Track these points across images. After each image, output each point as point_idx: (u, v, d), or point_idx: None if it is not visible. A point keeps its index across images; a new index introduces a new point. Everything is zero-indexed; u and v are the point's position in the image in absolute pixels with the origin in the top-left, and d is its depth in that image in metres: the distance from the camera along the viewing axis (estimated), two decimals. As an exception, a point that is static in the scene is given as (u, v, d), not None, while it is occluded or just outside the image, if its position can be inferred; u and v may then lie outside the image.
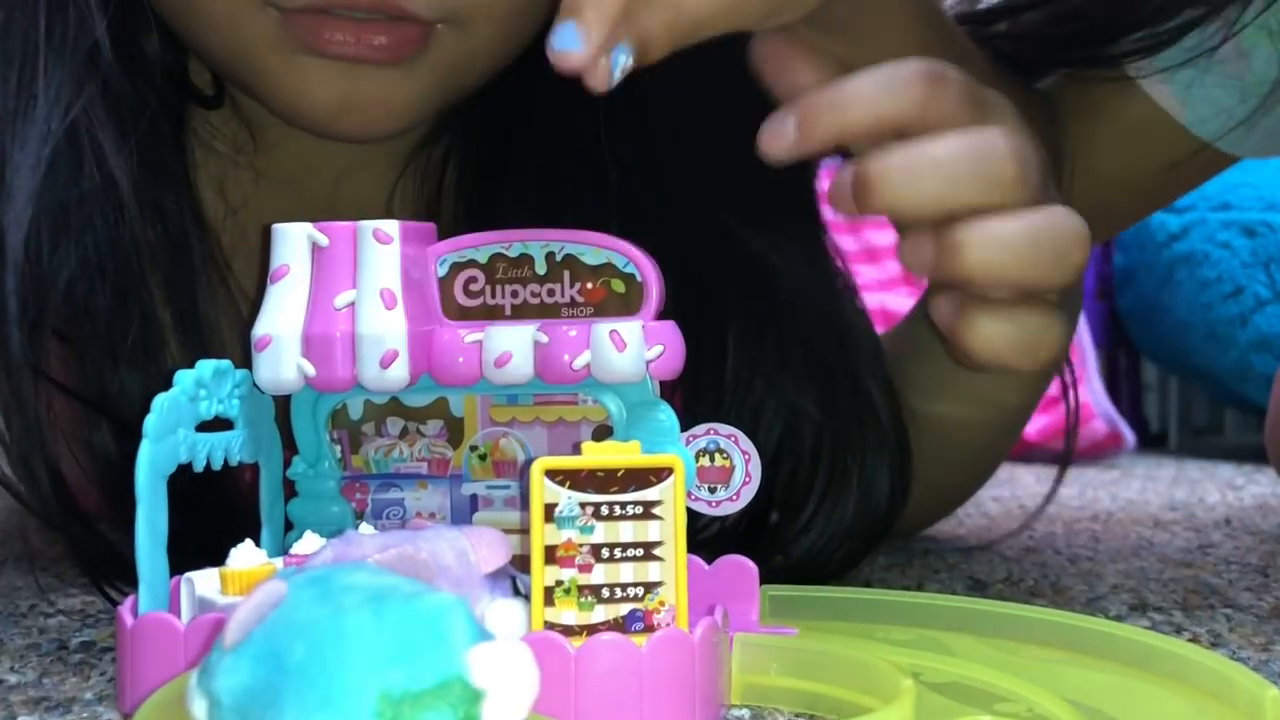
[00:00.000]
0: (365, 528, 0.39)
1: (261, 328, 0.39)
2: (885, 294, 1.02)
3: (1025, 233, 0.39)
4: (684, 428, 0.40)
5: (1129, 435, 1.11)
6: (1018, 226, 0.39)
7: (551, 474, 0.34)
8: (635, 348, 0.39)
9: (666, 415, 0.41)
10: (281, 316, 0.39)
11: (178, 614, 0.37)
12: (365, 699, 0.25)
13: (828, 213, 0.53)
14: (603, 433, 0.42)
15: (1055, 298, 0.41)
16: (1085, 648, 0.38)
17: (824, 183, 0.55)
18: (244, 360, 0.40)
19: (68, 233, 0.48)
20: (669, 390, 0.41)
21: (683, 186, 0.51)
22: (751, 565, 0.42)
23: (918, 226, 0.40)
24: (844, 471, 0.50)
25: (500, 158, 0.55)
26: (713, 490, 0.41)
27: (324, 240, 0.39)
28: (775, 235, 0.50)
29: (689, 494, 0.41)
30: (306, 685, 0.25)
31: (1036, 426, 1.10)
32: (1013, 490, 0.88)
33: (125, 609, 0.36)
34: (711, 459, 0.41)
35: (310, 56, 0.48)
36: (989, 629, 0.40)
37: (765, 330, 0.51)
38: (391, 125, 0.49)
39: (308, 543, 0.39)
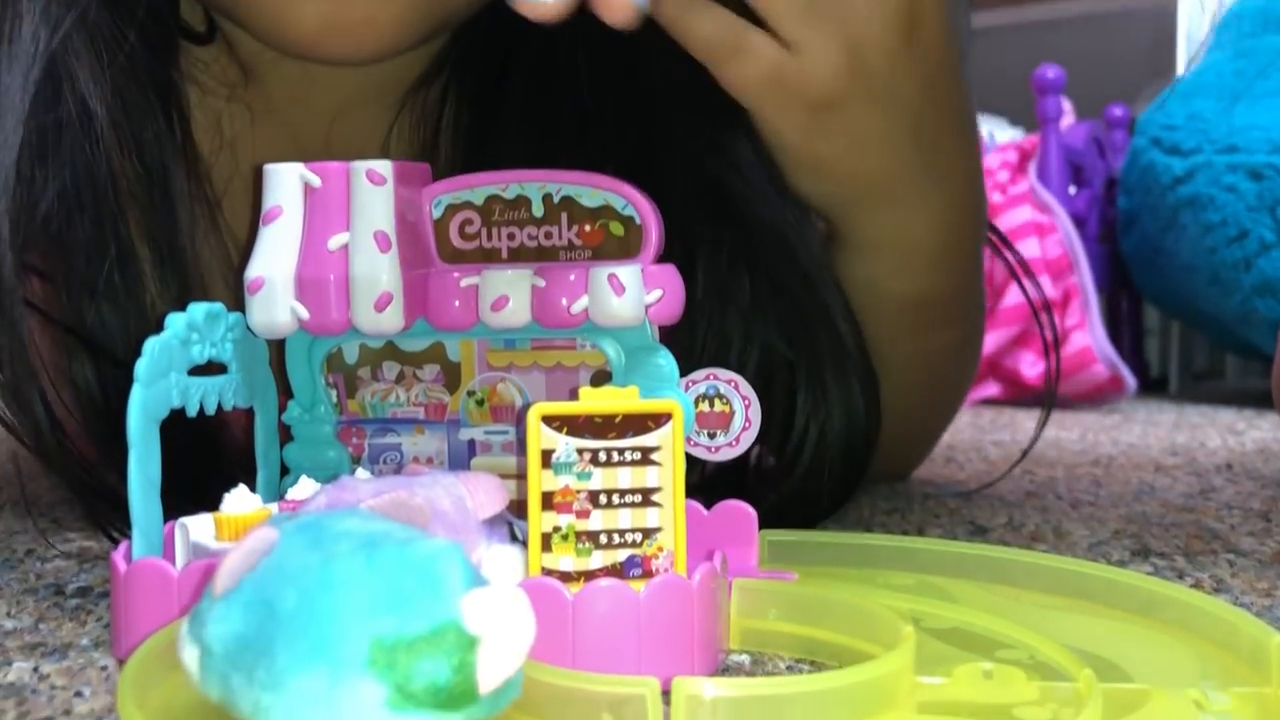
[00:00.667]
0: (361, 473, 0.39)
1: (254, 270, 0.38)
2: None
3: None
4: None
5: (1130, 380, 1.11)
6: None
7: (549, 420, 0.33)
8: (634, 292, 0.39)
9: (666, 360, 0.40)
10: (274, 259, 0.38)
11: (172, 559, 0.37)
12: (358, 646, 0.24)
13: None
14: (601, 378, 0.41)
15: None
16: (1087, 594, 0.38)
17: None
18: (234, 301, 0.39)
19: (45, 161, 0.47)
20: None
21: (649, 112, 0.51)
22: (750, 510, 0.41)
23: None
24: (822, 400, 0.49)
25: (498, 97, 0.54)
26: (712, 436, 0.41)
27: (316, 181, 0.39)
28: (742, 164, 0.50)
29: (688, 440, 0.41)
30: (298, 633, 0.25)
31: (1037, 371, 1.10)
32: (1013, 435, 0.88)
33: (119, 555, 0.36)
34: (711, 404, 0.41)
35: None
36: (990, 575, 0.40)
37: (735, 259, 0.50)
38: (377, 46, 0.48)
39: (303, 488, 0.38)
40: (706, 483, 0.50)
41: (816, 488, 0.50)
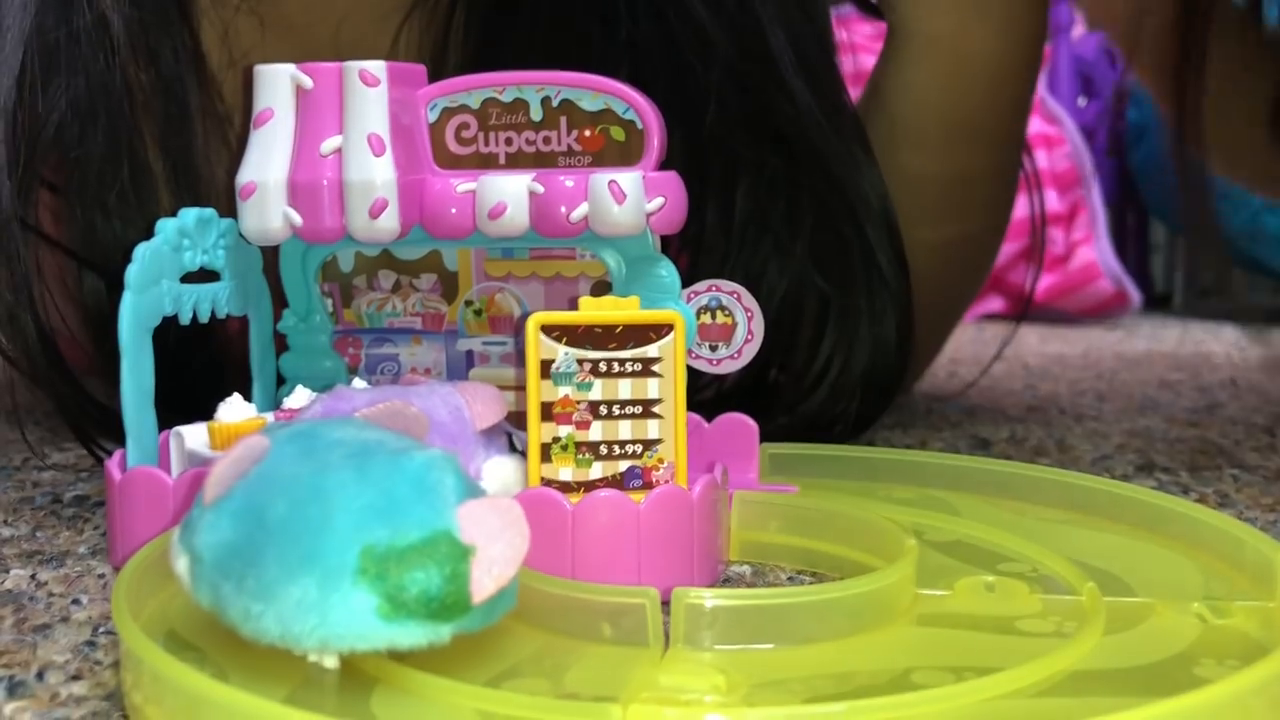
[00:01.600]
0: (358, 382, 0.38)
1: (245, 174, 0.37)
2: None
3: None
4: (687, 283, 0.39)
5: (1135, 294, 1.10)
6: None
7: (548, 329, 0.33)
8: (635, 199, 0.38)
9: (667, 271, 0.40)
10: (266, 163, 0.37)
11: (167, 468, 0.36)
12: (348, 555, 0.24)
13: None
14: (601, 288, 0.40)
15: None
16: (1091, 508, 0.37)
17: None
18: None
19: (58, 74, 0.46)
20: (673, 246, 0.40)
21: (696, 32, 0.49)
22: (751, 423, 0.41)
23: None
24: (850, 332, 0.49)
25: (510, 2, 0.53)
26: (714, 348, 0.40)
27: (308, 82, 0.37)
28: (790, 88, 0.48)
29: (690, 352, 0.40)
30: (289, 542, 0.24)
31: (1042, 285, 1.09)
32: (1016, 349, 0.88)
33: (113, 463, 0.35)
34: (713, 316, 0.40)
35: None
36: (993, 488, 0.39)
37: (775, 186, 0.49)
38: None
39: (298, 397, 0.38)
40: (722, 398, 0.49)
41: (834, 414, 0.49)
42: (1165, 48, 0.54)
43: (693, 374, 0.40)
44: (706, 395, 0.50)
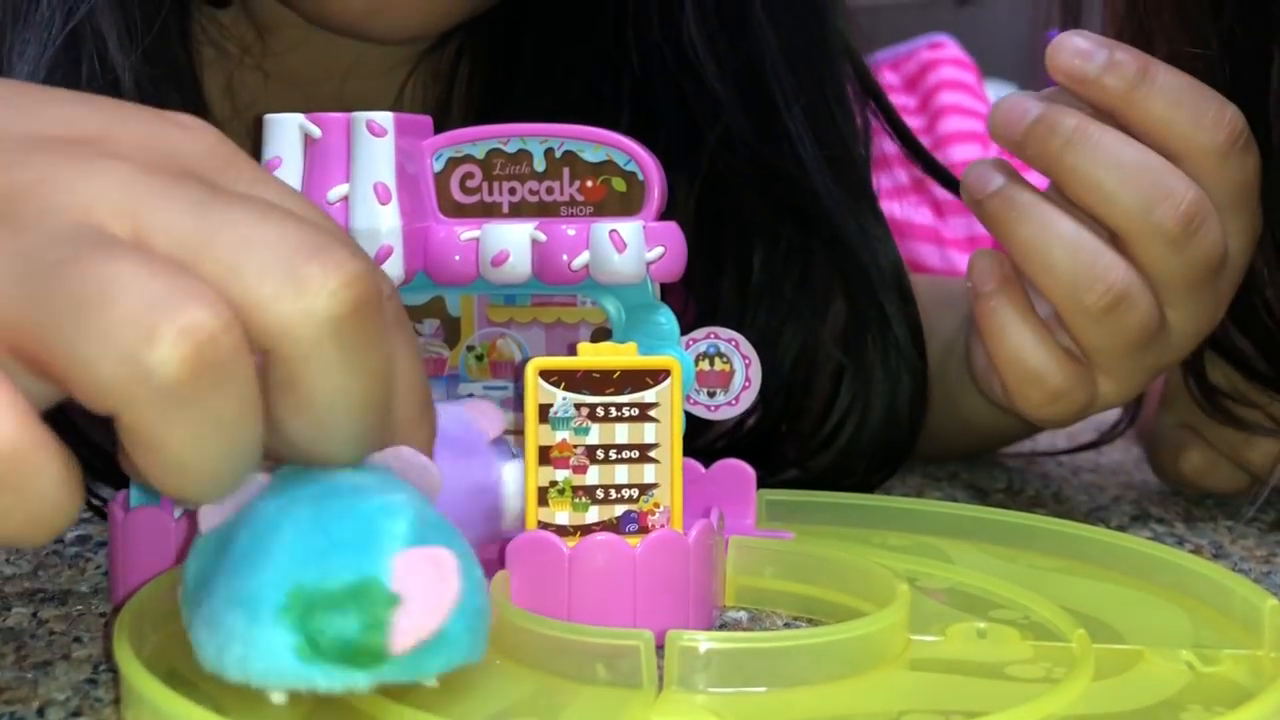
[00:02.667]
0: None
1: (254, 221, 0.38)
2: (893, 203, 1.00)
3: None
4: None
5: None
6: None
7: (546, 374, 0.33)
8: (635, 248, 0.39)
9: (666, 318, 0.40)
10: (274, 210, 0.38)
11: (169, 507, 0.37)
12: (279, 592, 0.24)
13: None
14: (601, 335, 0.41)
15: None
16: (1085, 556, 0.38)
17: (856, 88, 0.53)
18: None
19: None
20: (681, 303, 0.40)
21: (709, 102, 0.50)
22: (749, 469, 0.41)
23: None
24: (864, 400, 0.49)
25: (513, 57, 0.54)
26: (712, 394, 0.41)
27: (316, 132, 0.38)
28: (804, 164, 0.49)
29: (688, 398, 0.40)
30: (233, 574, 0.25)
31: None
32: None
33: (117, 503, 0.36)
34: (711, 363, 0.41)
35: None
36: (988, 536, 0.40)
37: (791, 255, 0.49)
38: (428, 27, 0.47)
39: None
40: (731, 450, 0.49)
41: (843, 474, 0.49)
42: None
43: (704, 425, 0.41)
44: (718, 445, 0.50)
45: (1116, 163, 0.40)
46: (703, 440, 0.49)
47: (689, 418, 0.40)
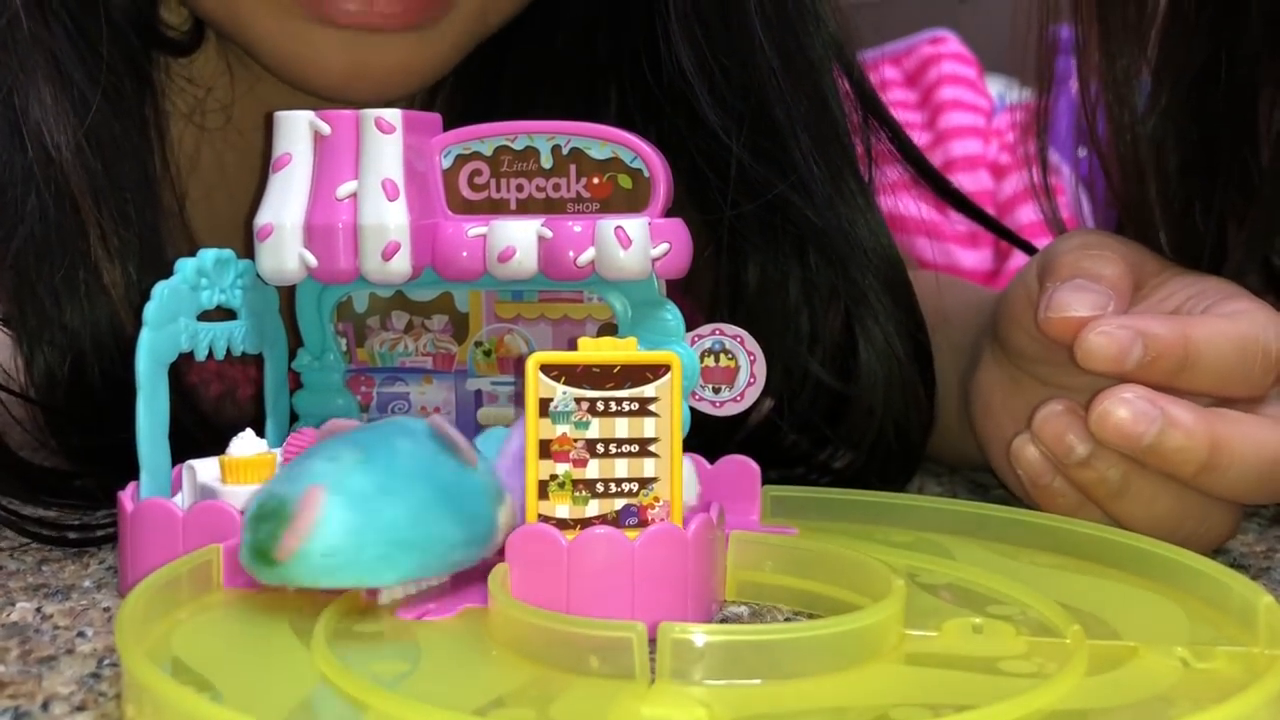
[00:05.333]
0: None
1: (263, 217, 0.39)
2: (892, 198, 1.00)
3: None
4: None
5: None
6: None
7: (547, 369, 0.34)
8: (640, 245, 0.39)
9: (672, 314, 0.41)
10: (283, 205, 0.39)
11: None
12: (254, 503, 0.31)
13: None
14: (608, 331, 0.41)
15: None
16: (1084, 553, 0.38)
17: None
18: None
19: (6, 215, 0.44)
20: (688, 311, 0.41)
21: (709, 129, 0.47)
22: (754, 465, 0.42)
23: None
24: (862, 425, 0.48)
25: (494, 80, 0.53)
26: (717, 390, 0.41)
27: (326, 129, 0.39)
28: (807, 187, 0.47)
29: (693, 394, 0.41)
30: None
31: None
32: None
33: (126, 495, 0.37)
34: (716, 359, 0.41)
35: (318, 24, 0.45)
36: (989, 533, 0.40)
37: (786, 270, 0.49)
38: (409, 90, 0.46)
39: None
40: (738, 445, 0.49)
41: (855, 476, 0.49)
42: None
43: (708, 422, 0.41)
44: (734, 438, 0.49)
45: (1259, 467, 0.38)
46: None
47: (694, 413, 0.40)
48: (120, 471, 0.37)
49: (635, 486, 0.34)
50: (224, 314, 0.40)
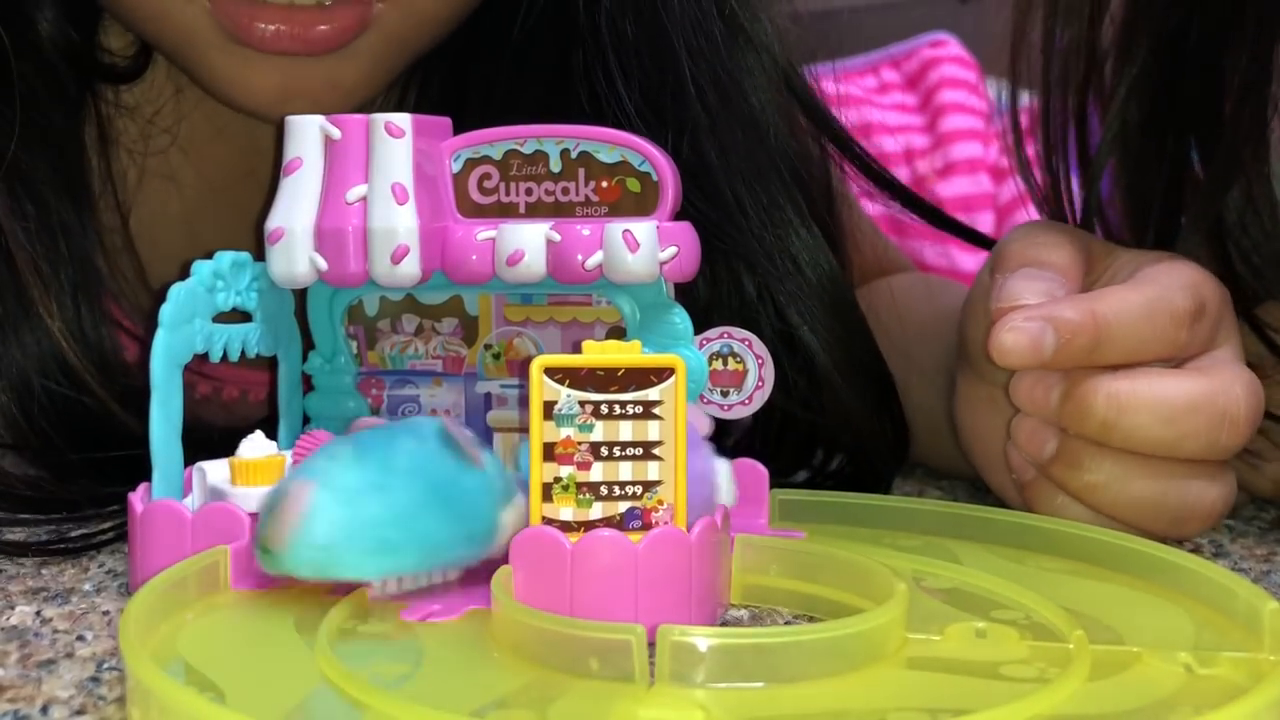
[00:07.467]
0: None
1: (274, 220, 0.39)
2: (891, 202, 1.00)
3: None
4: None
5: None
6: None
7: (551, 372, 0.34)
8: (649, 248, 0.39)
9: (680, 318, 0.41)
10: (294, 209, 0.39)
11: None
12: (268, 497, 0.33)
13: None
14: (616, 334, 0.41)
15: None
16: (1088, 557, 0.38)
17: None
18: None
19: None
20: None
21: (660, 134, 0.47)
22: (762, 469, 0.42)
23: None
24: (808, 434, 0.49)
25: (460, 89, 0.53)
26: (725, 394, 0.41)
27: (336, 133, 0.39)
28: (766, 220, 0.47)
29: (701, 397, 0.41)
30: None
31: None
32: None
33: (136, 496, 0.37)
34: (725, 362, 0.41)
35: (246, 47, 0.46)
36: (997, 538, 0.40)
37: (730, 293, 0.49)
38: (341, 105, 0.47)
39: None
40: (738, 446, 0.49)
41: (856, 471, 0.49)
42: None
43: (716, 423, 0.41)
44: (726, 443, 0.50)
45: (1168, 416, 0.39)
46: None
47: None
48: (105, 482, 0.38)
49: (639, 489, 0.34)
50: (239, 316, 0.41)
